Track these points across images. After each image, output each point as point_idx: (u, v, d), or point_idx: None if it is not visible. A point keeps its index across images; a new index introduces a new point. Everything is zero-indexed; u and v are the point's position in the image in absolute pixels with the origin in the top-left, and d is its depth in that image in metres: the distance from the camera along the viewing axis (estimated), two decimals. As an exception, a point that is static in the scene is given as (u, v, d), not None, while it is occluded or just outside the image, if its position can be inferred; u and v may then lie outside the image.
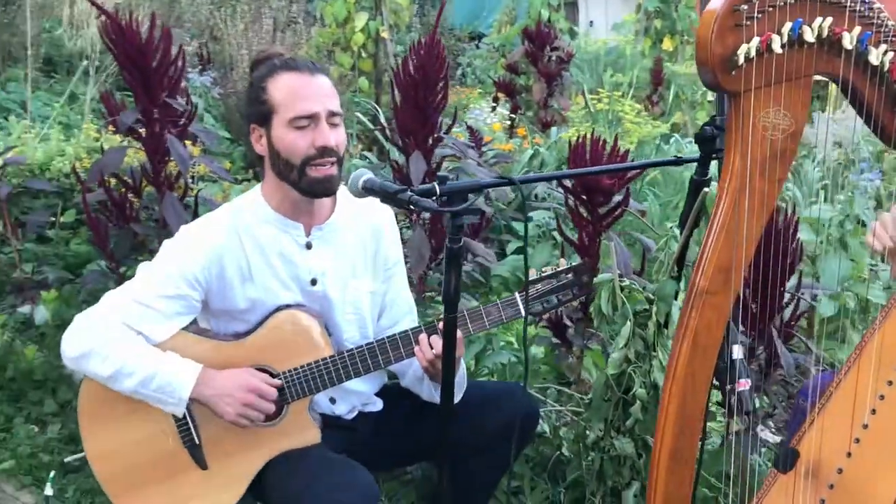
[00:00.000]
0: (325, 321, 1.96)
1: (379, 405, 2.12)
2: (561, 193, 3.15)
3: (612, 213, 2.42)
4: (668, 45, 6.74)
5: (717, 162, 1.74)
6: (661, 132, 4.44)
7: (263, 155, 1.91)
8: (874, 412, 1.67)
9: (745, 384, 1.78)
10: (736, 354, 1.79)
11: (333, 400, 2.04)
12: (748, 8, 1.37)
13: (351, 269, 2.00)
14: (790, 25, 1.39)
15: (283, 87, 1.82)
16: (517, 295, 1.97)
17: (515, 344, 2.61)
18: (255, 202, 1.94)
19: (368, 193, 1.68)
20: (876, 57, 1.44)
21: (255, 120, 1.88)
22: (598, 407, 2.17)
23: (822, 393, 1.74)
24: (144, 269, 1.91)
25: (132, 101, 3.08)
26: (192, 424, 1.87)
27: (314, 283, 1.95)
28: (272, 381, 1.86)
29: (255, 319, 1.93)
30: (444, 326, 1.70)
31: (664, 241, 2.12)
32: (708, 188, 1.83)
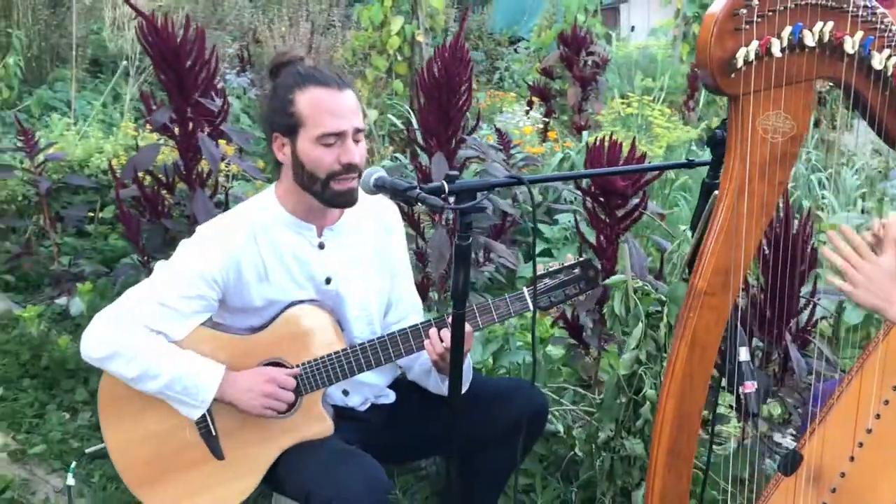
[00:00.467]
0: (336, 317, 2.01)
1: (392, 397, 2.17)
2: (585, 196, 3.17)
3: (629, 215, 2.44)
4: (706, 50, 6.66)
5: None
6: (691, 137, 4.43)
7: (285, 163, 1.93)
8: (878, 417, 1.67)
9: (750, 386, 1.79)
10: (742, 357, 1.81)
11: (346, 392, 2.09)
12: (748, 12, 1.39)
13: (361, 267, 2.05)
14: (790, 30, 1.41)
15: (312, 102, 1.83)
16: (525, 290, 2.00)
17: (525, 345, 2.63)
18: (269, 203, 1.98)
19: (379, 191, 1.73)
20: (879, 62, 1.45)
21: (279, 129, 1.89)
22: (609, 407, 2.18)
23: (827, 398, 1.74)
24: (162, 268, 1.94)
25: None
26: (208, 416, 1.93)
27: (328, 281, 2.00)
28: (290, 370, 1.92)
29: (269, 315, 1.98)
30: (452, 322, 1.73)
31: (677, 243, 2.13)
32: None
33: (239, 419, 1.92)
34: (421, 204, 1.63)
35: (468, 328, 1.95)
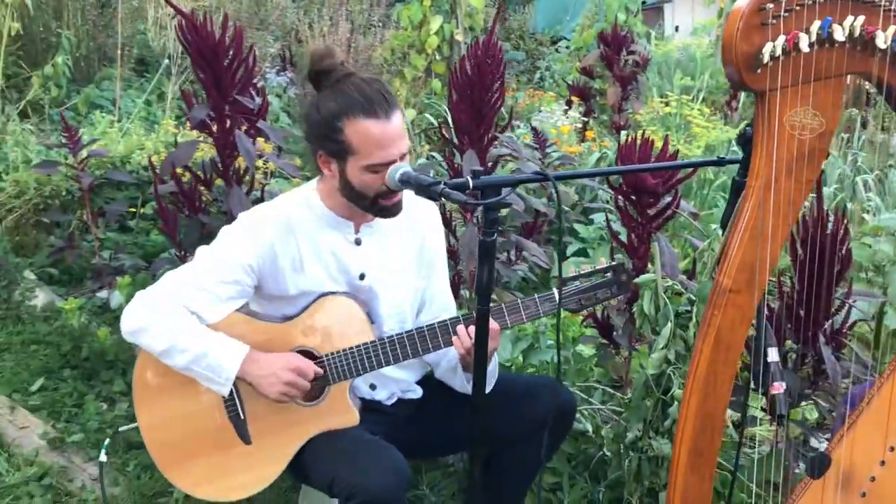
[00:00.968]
0: (368, 312, 2.03)
1: (419, 393, 2.18)
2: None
3: (661, 214, 2.42)
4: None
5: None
6: (730, 137, 4.36)
7: (330, 176, 1.93)
8: (910, 421, 1.63)
9: (779, 388, 1.76)
10: (771, 357, 1.78)
11: (374, 386, 2.11)
12: (775, 6, 1.37)
13: (397, 264, 2.06)
14: (819, 24, 1.38)
15: (361, 134, 1.81)
16: (556, 290, 2.00)
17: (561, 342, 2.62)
18: (309, 198, 2.00)
19: (404, 185, 1.74)
20: (912, 57, 1.42)
21: (326, 151, 1.89)
22: (637, 407, 2.17)
23: (859, 401, 1.71)
24: (202, 252, 1.98)
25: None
26: (237, 399, 1.96)
27: (362, 277, 2.02)
28: (313, 365, 1.94)
29: (302, 304, 2.01)
30: (476, 318, 1.73)
31: (708, 242, 2.11)
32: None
33: (267, 405, 1.95)
34: (444, 199, 1.63)
35: (496, 326, 1.96)
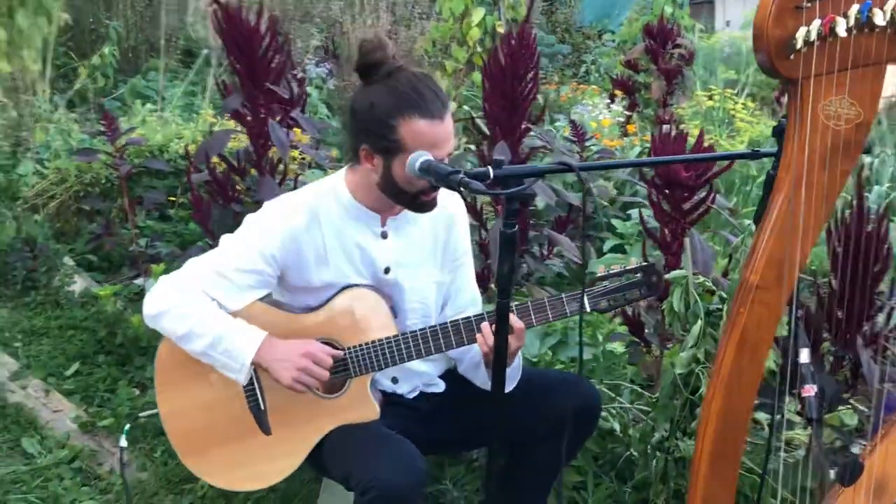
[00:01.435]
0: (392, 305, 2.01)
1: (441, 387, 2.15)
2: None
3: (696, 209, 2.35)
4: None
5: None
6: (775, 132, 4.22)
7: (371, 171, 1.88)
8: (949, 429, 1.55)
9: (810, 390, 1.69)
10: (803, 359, 1.71)
11: (396, 380, 2.08)
12: (809, -11, 1.30)
13: (421, 258, 2.03)
14: (858, 8, 1.31)
15: (416, 134, 1.77)
16: (584, 290, 1.95)
17: (589, 340, 2.57)
18: (337, 189, 1.97)
19: (424, 174, 1.71)
20: (959, 44, 1.34)
21: (373, 146, 1.84)
22: (664, 406, 2.11)
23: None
24: (227, 240, 1.97)
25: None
26: (258, 389, 1.95)
27: (387, 271, 1.99)
28: (332, 351, 1.92)
29: (326, 296, 1.99)
30: (496, 313, 1.69)
31: (741, 238, 2.04)
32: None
33: (287, 396, 1.93)
34: (464, 189, 1.60)
35: (520, 325, 1.92)
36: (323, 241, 1.95)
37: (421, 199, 1.87)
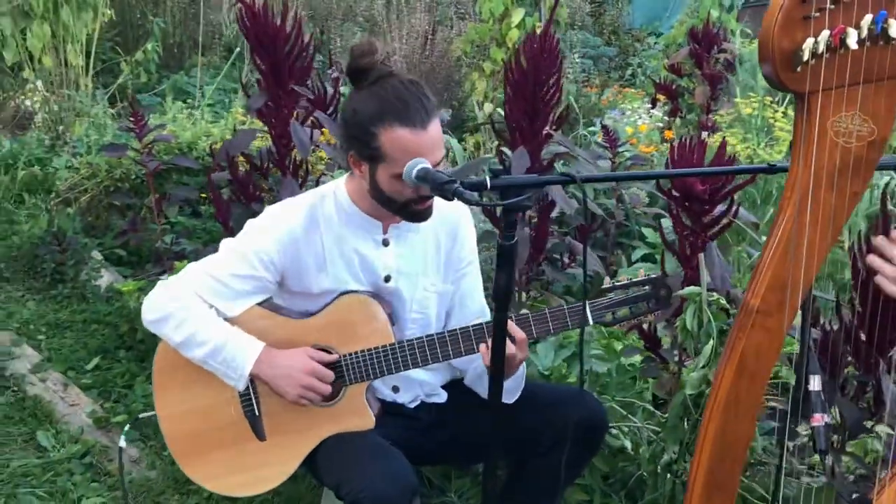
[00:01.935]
0: (391, 313, 1.96)
1: (443, 397, 2.10)
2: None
3: (717, 222, 2.26)
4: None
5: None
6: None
7: (360, 177, 1.85)
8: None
9: (819, 419, 1.61)
10: (813, 386, 1.63)
11: (396, 388, 2.04)
12: (818, -2, 1.22)
13: (423, 267, 1.99)
14: (871, 18, 1.23)
15: (396, 143, 1.73)
16: (587, 303, 1.89)
17: (605, 353, 2.49)
18: (338, 195, 1.94)
19: (420, 182, 1.66)
20: (982, 58, 1.25)
21: (358, 154, 1.81)
22: (674, 427, 2.04)
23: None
24: (226, 245, 1.96)
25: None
26: (253, 396, 1.93)
27: (388, 279, 1.96)
28: (329, 357, 1.89)
29: (325, 302, 1.96)
30: (493, 326, 1.64)
31: (759, 255, 1.94)
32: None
33: (282, 402, 1.91)
34: (458, 199, 1.54)
35: (521, 335, 1.87)
36: (322, 246, 1.92)
37: (412, 207, 1.83)
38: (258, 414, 1.94)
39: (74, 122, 4.67)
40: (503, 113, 2.78)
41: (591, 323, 1.91)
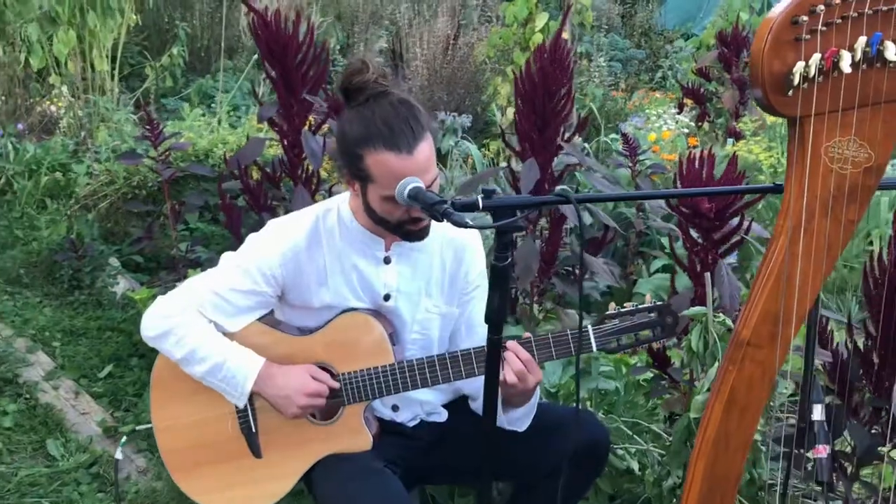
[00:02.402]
0: (392, 332, 1.94)
1: (444, 416, 2.07)
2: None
3: (728, 239, 2.20)
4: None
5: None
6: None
7: (354, 195, 1.85)
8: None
9: (822, 450, 1.56)
10: (815, 416, 1.58)
11: (396, 407, 2.02)
12: (811, 19, 1.17)
13: (426, 287, 1.96)
14: (866, 40, 1.17)
15: (381, 166, 1.71)
16: (591, 328, 1.84)
17: (612, 369, 2.44)
18: (340, 210, 1.92)
19: (413, 201, 1.63)
20: None
21: (350, 173, 1.80)
22: (677, 451, 1.98)
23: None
24: (227, 259, 1.95)
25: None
26: (250, 412, 1.92)
27: (387, 298, 1.93)
28: (331, 382, 1.87)
29: (325, 318, 1.94)
30: (487, 349, 1.60)
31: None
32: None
33: (279, 420, 1.90)
34: (447, 220, 1.51)
35: (526, 355, 1.83)
36: (324, 261, 1.90)
37: (406, 227, 1.80)
38: (255, 431, 1.92)
39: (98, 127, 4.71)
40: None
41: (594, 350, 1.87)
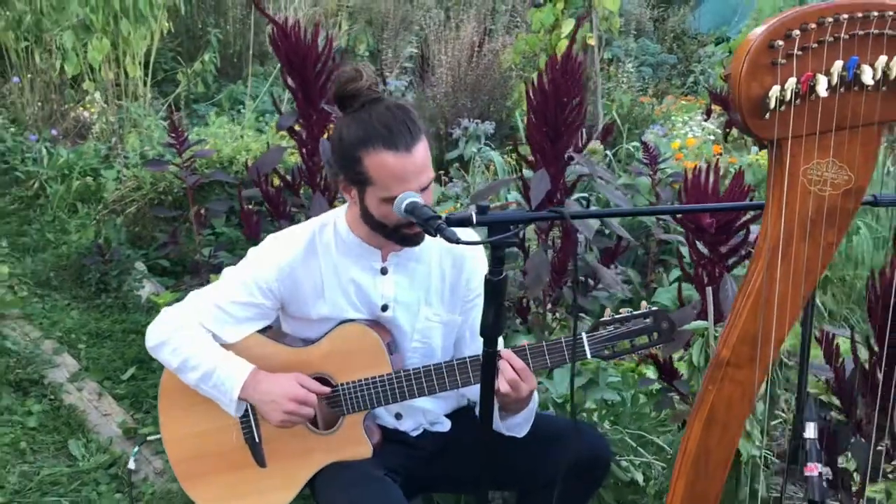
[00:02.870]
0: (391, 342, 1.97)
1: (447, 425, 2.10)
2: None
3: (735, 251, 2.20)
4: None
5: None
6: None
7: (352, 203, 1.88)
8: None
9: (813, 469, 1.56)
10: (808, 434, 1.58)
11: (399, 416, 2.05)
12: (786, 44, 1.18)
13: (425, 297, 1.98)
14: (842, 64, 1.18)
15: (380, 166, 1.75)
16: (584, 335, 1.86)
17: (619, 380, 2.45)
18: (337, 223, 1.96)
19: (409, 216, 1.66)
20: (965, 104, 1.18)
21: (346, 179, 1.83)
22: (677, 465, 1.98)
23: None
24: (228, 272, 1.99)
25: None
26: (253, 422, 1.96)
27: (385, 308, 1.96)
28: (320, 388, 1.90)
29: (324, 329, 1.97)
30: (482, 362, 1.63)
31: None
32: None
33: (281, 430, 1.93)
34: (440, 236, 1.54)
35: (520, 363, 1.85)
36: (320, 274, 1.94)
37: (403, 232, 1.83)
38: (258, 440, 1.96)
39: (129, 132, 4.82)
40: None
41: (589, 356, 1.88)
